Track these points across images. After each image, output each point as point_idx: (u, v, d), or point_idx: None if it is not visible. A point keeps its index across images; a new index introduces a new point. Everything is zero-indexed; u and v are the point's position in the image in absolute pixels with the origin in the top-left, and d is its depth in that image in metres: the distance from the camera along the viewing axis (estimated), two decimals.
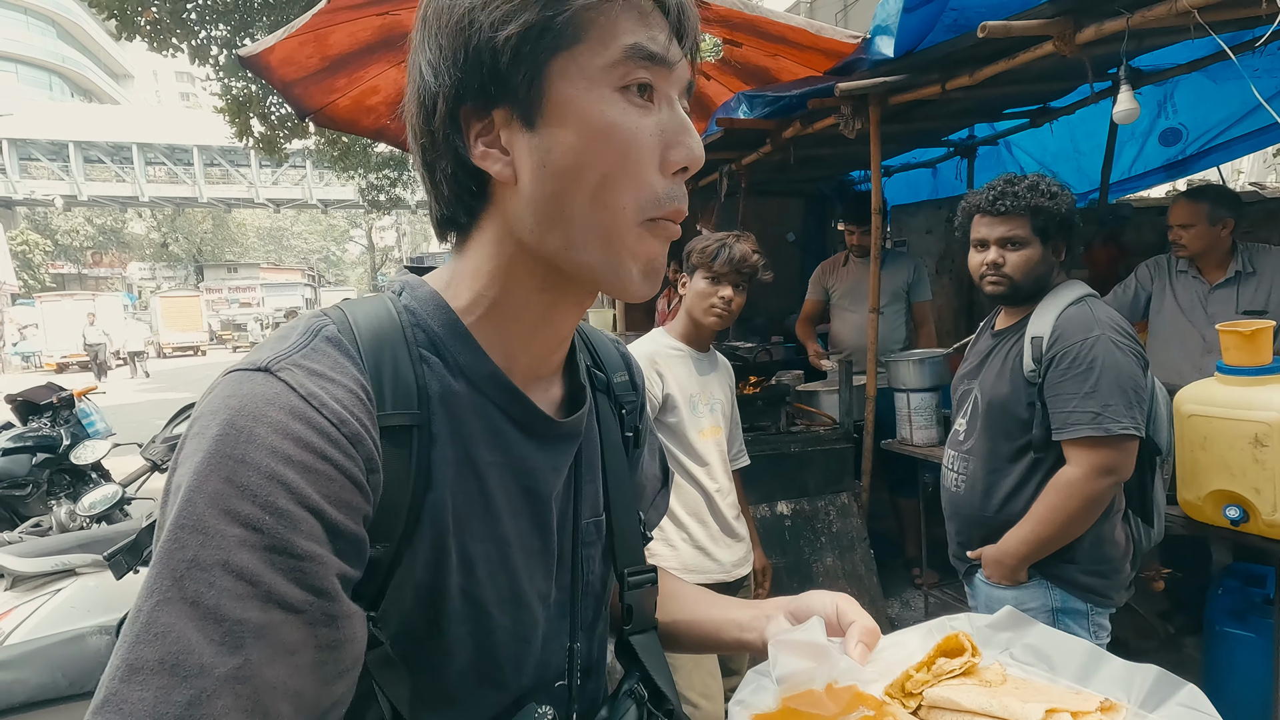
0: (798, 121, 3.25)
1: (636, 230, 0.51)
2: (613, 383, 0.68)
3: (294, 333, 0.50)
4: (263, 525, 0.41)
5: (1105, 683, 0.55)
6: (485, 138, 0.50)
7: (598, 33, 0.48)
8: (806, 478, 2.87)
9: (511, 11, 0.47)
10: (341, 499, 0.45)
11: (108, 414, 4.66)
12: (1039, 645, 0.59)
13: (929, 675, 0.57)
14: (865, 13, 9.74)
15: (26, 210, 32.03)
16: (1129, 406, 1.48)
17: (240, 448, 0.42)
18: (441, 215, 0.55)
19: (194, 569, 0.40)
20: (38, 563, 2.04)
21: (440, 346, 0.53)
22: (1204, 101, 3.78)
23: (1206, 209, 2.52)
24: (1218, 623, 1.98)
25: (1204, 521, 1.82)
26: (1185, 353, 2.61)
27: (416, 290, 0.55)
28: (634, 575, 0.65)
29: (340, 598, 0.44)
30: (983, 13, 2.36)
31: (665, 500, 0.78)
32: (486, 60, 0.48)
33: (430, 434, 0.51)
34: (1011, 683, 0.56)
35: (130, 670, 0.39)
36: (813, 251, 5.89)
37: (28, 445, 3.94)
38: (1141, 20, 1.92)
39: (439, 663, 0.52)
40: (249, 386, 0.45)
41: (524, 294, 0.54)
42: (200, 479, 0.42)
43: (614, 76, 0.48)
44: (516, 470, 0.55)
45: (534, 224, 0.51)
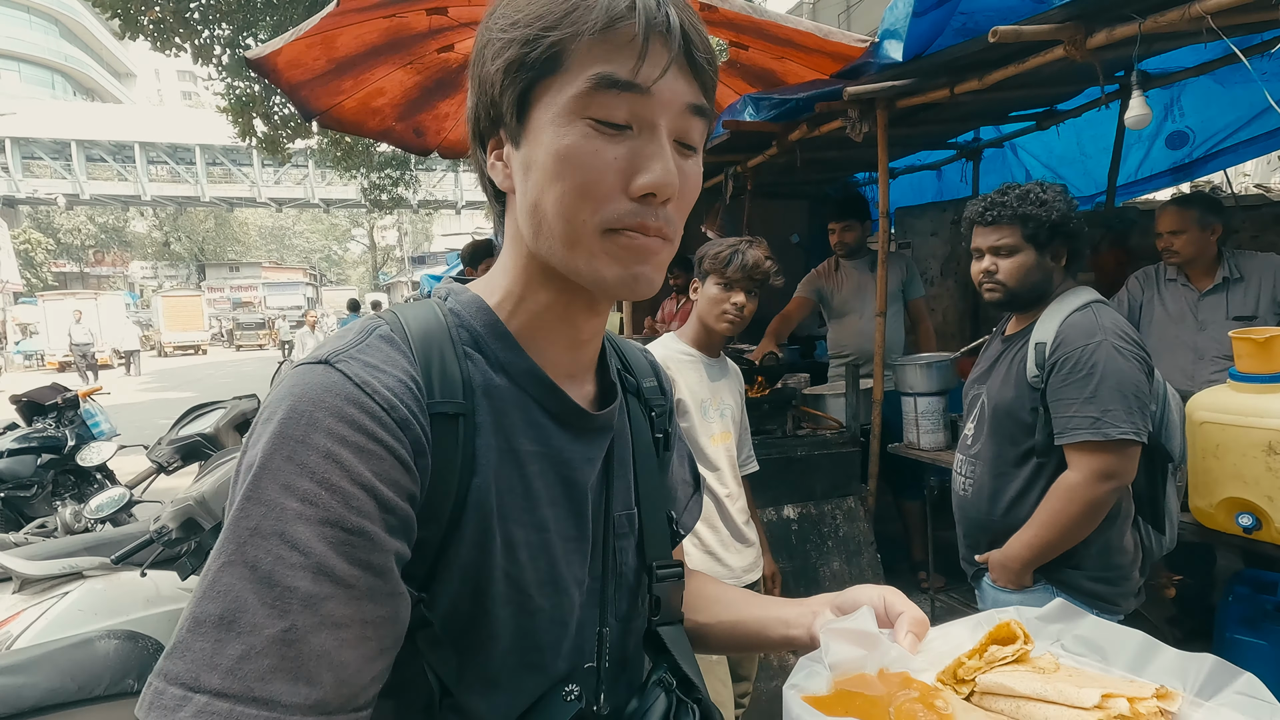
0: (804, 124, 3.24)
1: (597, 237, 0.54)
2: (642, 387, 0.73)
3: (351, 332, 0.55)
4: (318, 500, 0.46)
5: (1159, 673, 0.54)
6: (497, 152, 0.58)
7: (571, 62, 0.52)
8: (813, 482, 2.86)
9: (501, 48, 0.54)
10: (391, 477, 0.49)
11: (111, 414, 4.67)
12: (1091, 636, 0.59)
13: (981, 662, 0.57)
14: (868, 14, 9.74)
15: (29, 209, 32.07)
16: (1129, 412, 1.48)
17: (301, 429, 0.47)
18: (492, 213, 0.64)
19: (255, 536, 0.45)
20: (45, 565, 2.04)
21: (482, 344, 0.58)
22: (1211, 105, 3.77)
23: (1196, 215, 2.53)
24: (1229, 630, 1.97)
25: (1216, 529, 1.82)
26: (1176, 361, 2.61)
27: (460, 295, 0.61)
28: (662, 569, 0.68)
29: (389, 575, 0.48)
30: (992, 17, 2.36)
31: (699, 505, 0.82)
32: (489, 91, 0.56)
33: (475, 423, 0.55)
34: (1064, 670, 0.56)
35: (195, 622, 0.44)
36: (817, 253, 5.87)
37: (33, 446, 3.94)
38: (1154, 25, 1.91)
39: (483, 644, 0.55)
40: (311, 377, 0.50)
41: (540, 292, 0.60)
42: (266, 457, 0.46)
43: (579, 105, 0.52)
44: (554, 460, 0.59)
45: (526, 229, 0.57)
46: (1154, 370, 1.60)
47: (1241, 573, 2.17)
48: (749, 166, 4.00)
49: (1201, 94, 3.75)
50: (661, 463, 0.73)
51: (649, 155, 0.53)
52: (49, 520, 3.38)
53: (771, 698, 2.47)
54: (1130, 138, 3.80)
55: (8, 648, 1.84)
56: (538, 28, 0.52)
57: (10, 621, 1.92)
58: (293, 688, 0.43)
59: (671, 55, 0.52)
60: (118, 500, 2.73)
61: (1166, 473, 1.66)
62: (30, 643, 1.84)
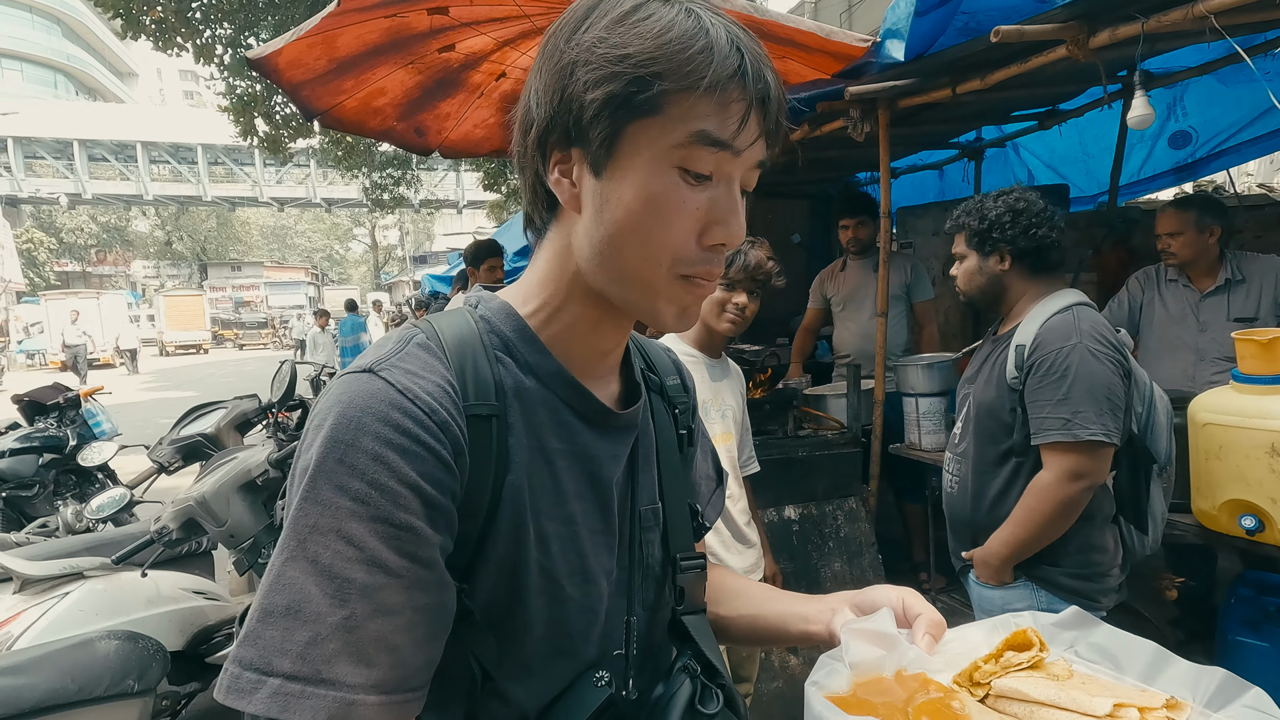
0: (805, 124, 3.23)
1: (669, 281, 0.58)
2: (665, 385, 0.75)
3: (390, 342, 0.59)
4: (369, 499, 0.49)
5: (1171, 683, 0.55)
6: (562, 166, 0.58)
7: (675, 111, 0.53)
8: (814, 483, 2.86)
9: (604, 78, 0.53)
10: (434, 476, 0.52)
11: (112, 414, 4.67)
12: (1104, 644, 0.60)
13: (997, 666, 0.58)
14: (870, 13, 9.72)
15: (32, 208, 32.12)
16: (1099, 414, 1.52)
17: (350, 434, 0.50)
18: (528, 217, 0.64)
19: (314, 533, 0.49)
20: (46, 566, 2.04)
21: (512, 348, 0.61)
22: (1214, 104, 3.76)
23: (1194, 216, 2.53)
24: (1231, 632, 1.96)
25: (1219, 531, 1.81)
26: (1176, 362, 2.61)
27: (490, 303, 0.64)
28: (685, 560, 0.71)
29: (436, 566, 0.52)
30: (994, 16, 2.35)
31: (721, 499, 0.85)
32: (574, 110, 0.55)
33: (507, 423, 0.58)
34: (1078, 678, 0.57)
35: (264, 613, 0.48)
36: (818, 253, 5.87)
37: (34, 446, 3.95)
38: (1157, 25, 1.91)
39: (519, 632, 0.58)
40: (356, 385, 0.53)
41: (578, 307, 0.62)
42: (320, 461, 0.50)
43: (676, 155, 0.54)
44: (581, 457, 0.62)
45: (587, 255, 0.59)
46: (1131, 373, 1.62)
47: (1244, 574, 2.16)
48: None
49: (1204, 93, 3.74)
50: (685, 458, 0.76)
51: (726, 209, 0.57)
52: (50, 520, 3.39)
53: (772, 699, 2.46)
54: (1133, 137, 3.79)
55: (8, 648, 1.84)
56: (650, 70, 0.52)
57: (11, 622, 1.92)
58: (355, 669, 0.48)
59: (765, 127, 0.56)
60: (119, 500, 2.74)
61: (1150, 474, 1.69)
62: (31, 643, 1.84)
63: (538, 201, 0.61)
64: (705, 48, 0.53)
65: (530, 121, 0.58)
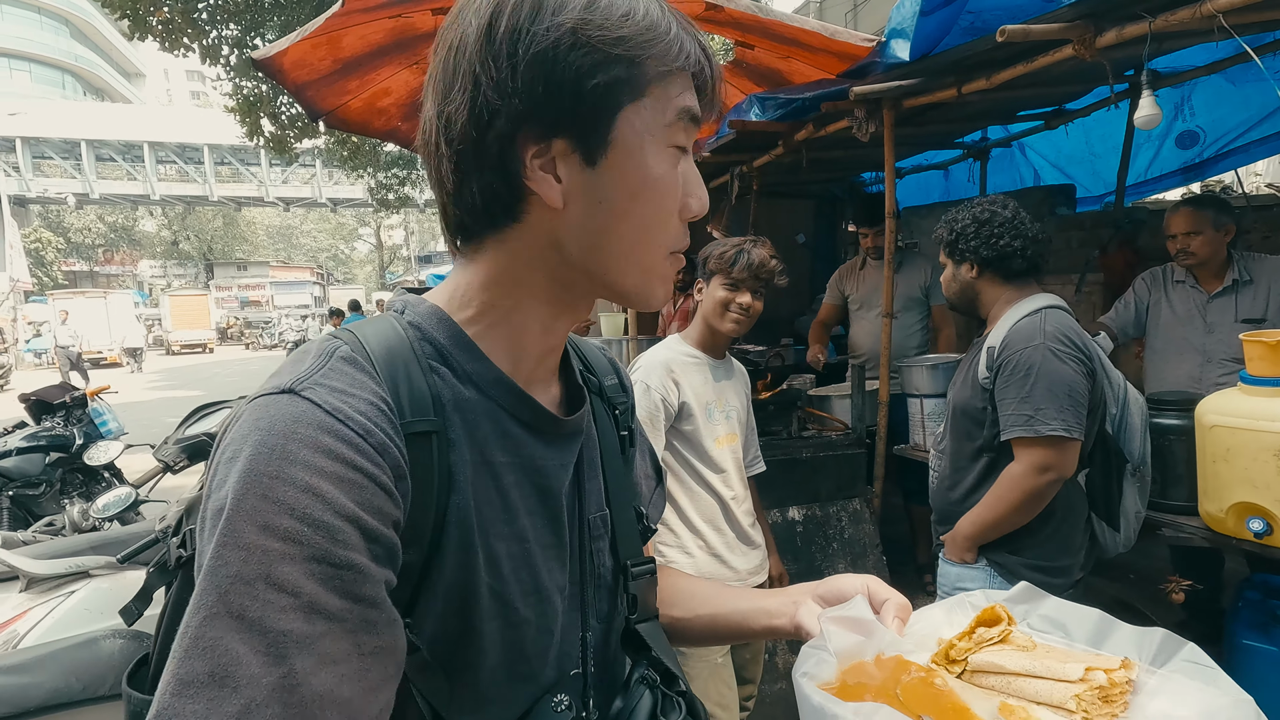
0: (810, 124, 3.23)
1: (664, 260, 0.58)
2: (604, 386, 0.72)
3: (309, 356, 0.52)
4: (301, 537, 0.44)
5: (1118, 646, 0.61)
6: (540, 160, 0.53)
7: (660, 91, 0.54)
8: (819, 483, 2.85)
9: (601, 63, 0.52)
10: (375, 505, 0.47)
11: (118, 413, 4.69)
12: (1054, 615, 0.65)
13: (971, 643, 0.62)
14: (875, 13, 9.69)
15: (40, 208, 32.31)
16: (1060, 410, 1.60)
17: (274, 465, 0.44)
18: (460, 221, 0.57)
19: (237, 584, 0.42)
20: (52, 565, 2.05)
21: (448, 356, 0.56)
22: (1222, 104, 3.74)
23: (1211, 216, 2.51)
24: (1239, 635, 1.95)
25: (1226, 534, 1.80)
26: (1183, 363, 2.59)
27: (418, 307, 0.59)
28: (636, 567, 0.68)
29: (382, 604, 0.47)
30: (1000, 16, 2.34)
31: (662, 498, 0.82)
32: (567, 99, 0.52)
33: (448, 439, 0.54)
34: (1042, 648, 0.62)
35: (181, 684, 0.41)
36: (822, 253, 5.86)
37: (41, 445, 3.97)
38: (1164, 24, 1.89)
39: (473, 662, 0.54)
40: (276, 408, 0.47)
41: (537, 306, 0.59)
42: (238, 499, 0.44)
43: (667, 134, 0.55)
44: (528, 469, 0.59)
45: (578, 248, 0.56)
46: (1095, 373, 1.69)
47: (1252, 577, 2.14)
48: (755, 166, 3.99)
49: (1212, 93, 3.72)
50: (627, 460, 0.73)
51: (695, 181, 0.58)
52: (57, 519, 3.40)
53: (775, 700, 2.46)
54: (1140, 137, 3.77)
55: (14, 646, 1.85)
56: (644, 53, 0.52)
57: (16, 620, 1.92)
58: None
59: (715, 100, 0.58)
60: (124, 499, 2.75)
61: (1123, 473, 1.77)
62: (36, 642, 1.85)
63: (494, 205, 0.55)
64: (670, 28, 0.54)
65: (492, 113, 0.52)
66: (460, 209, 0.56)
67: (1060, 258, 4.02)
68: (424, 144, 0.57)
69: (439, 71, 0.54)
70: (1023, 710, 0.56)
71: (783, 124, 3.30)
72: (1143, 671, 0.58)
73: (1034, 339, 1.65)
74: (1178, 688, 0.56)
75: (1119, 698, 0.56)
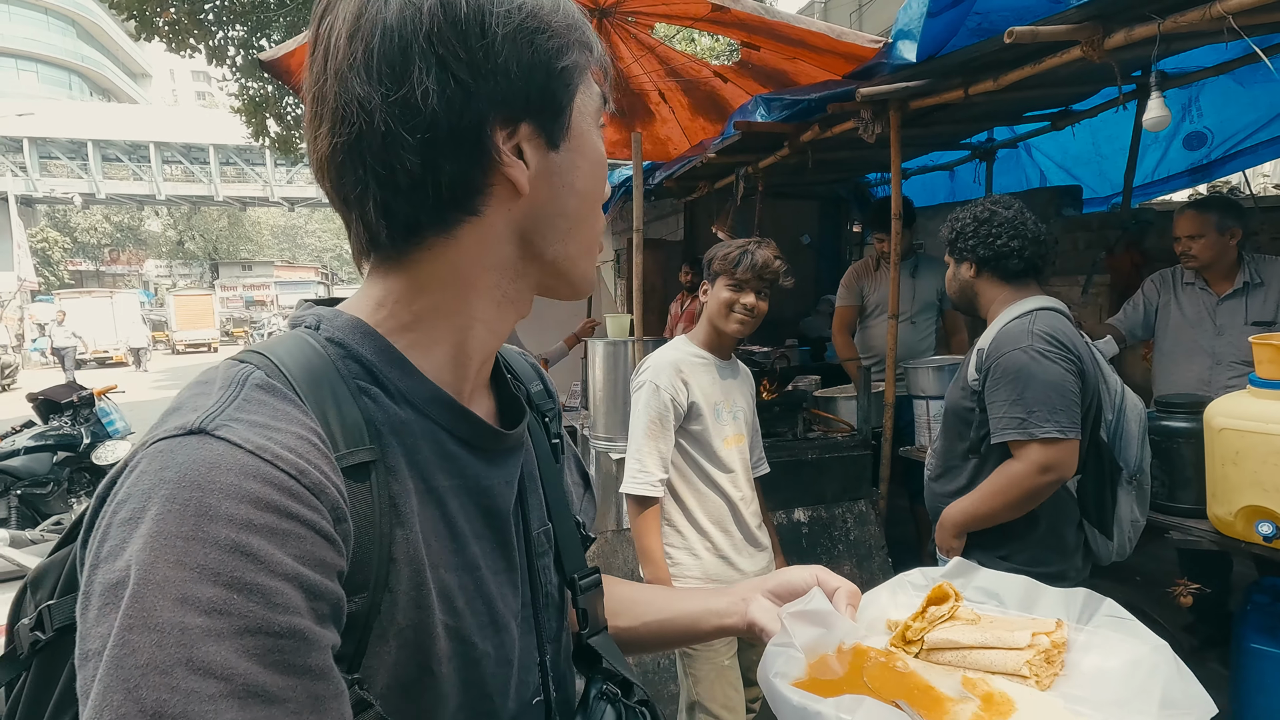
0: (816, 125, 3.22)
1: (599, 242, 0.61)
2: (531, 393, 0.70)
3: (214, 386, 0.45)
4: (230, 607, 0.37)
5: (1047, 608, 0.66)
6: (509, 145, 0.51)
7: (590, 79, 0.56)
8: (824, 485, 2.85)
9: (566, 45, 0.52)
10: (316, 557, 0.41)
11: (125, 411, 4.71)
12: (987, 585, 0.70)
13: (925, 623, 0.65)
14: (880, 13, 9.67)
15: (46, 208, 32.46)
16: (1053, 411, 1.59)
17: (189, 524, 0.37)
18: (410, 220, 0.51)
19: (150, 674, 0.35)
20: None
21: (378, 375, 0.51)
22: (1230, 105, 3.72)
23: (1214, 218, 2.50)
24: (1248, 639, 1.94)
25: (1235, 537, 1.79)
26: (1192, 366, 2.58)
27: (335, 321, 0.52)
28: (583, 579, 0.66)
29: (329, 674, 0.41)
30: (1007, 17, 2.33)
31: (592, 504, 0.79)
32: (539, 80, 0.51)
33: (388, 467, 0.49)
34: (986, 619, 0.66)
35: None
36: (827, 254, 5.86)
37: (49, 444, 3.99)
38: (1174, 25, 1.88)
39: (431, 710, 0.50)
40: (184, 454, 0.40)
41: (483, 307, 0.55)
42: (146, 569, 0.36)
43: (597, 116, 0.57)
44: (473, 491, 0.55)
45: (542, 234, 0.55)
46: (1085, 373, 1.67)
47: (1260, 581, 2.13)
48: (760, 167, 3.99)
49: (1220, 94, 3.70)
50: (560, 469, 0.70)
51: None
52: (64, 517, 3.42)
53: None
54: (1147, 138, 3.75)
55: None
56: (586, 38, 0.54)
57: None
58: None
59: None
60: None
61: (1117, 480, 1.74)
62: None
63: (464, 192, 0.51)
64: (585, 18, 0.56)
65: (466, 96, 0.48)
66: (415, 205, 0.50)
67: (1067, 259, 4.01)
68: (352, 134, 0.48)
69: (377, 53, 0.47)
70: (983, 682, 0.59)
71: (788, 125, 3.29)
72: (1072, 629, 0.63)
73: (1021, 340, 1.64)
74: (1104, 641, 0.62)
75: (1058, 657, 0.61)
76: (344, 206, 0.52)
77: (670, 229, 6.23)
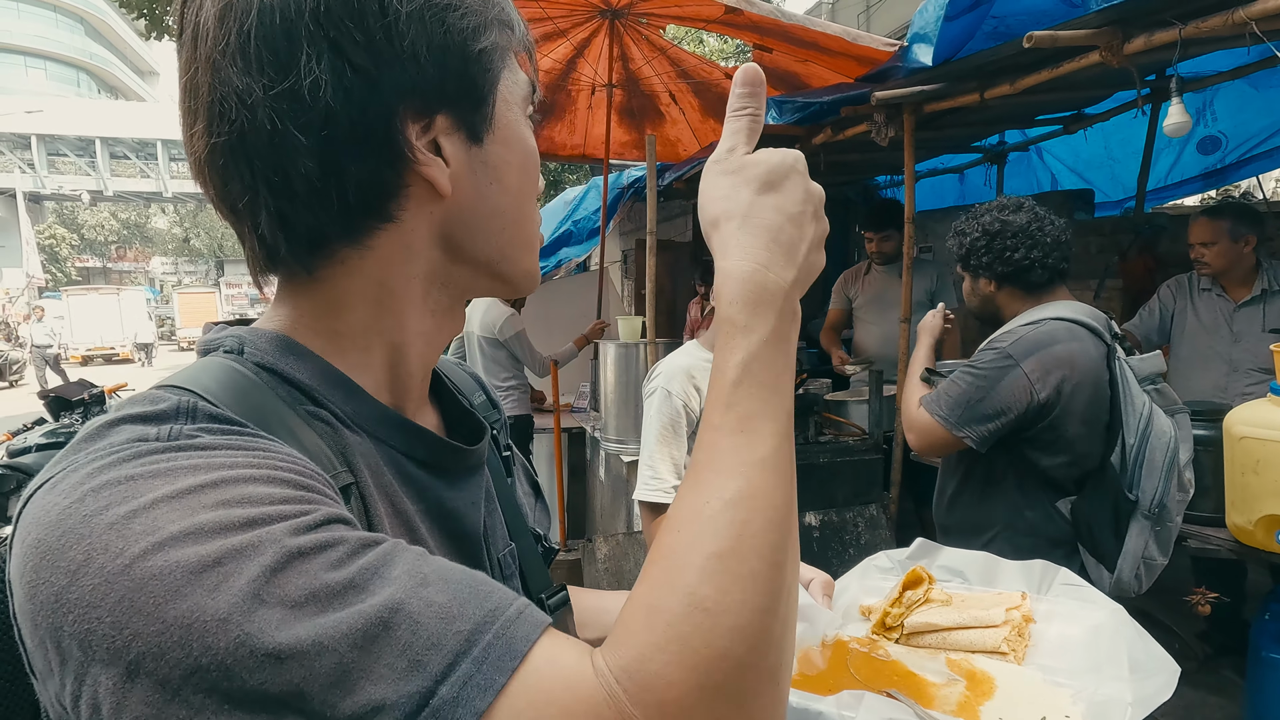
0: (829, 128, 3.21)
1: (538, 236, 0.55)
2: (475, 405, 0.64)
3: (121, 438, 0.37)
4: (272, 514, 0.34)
5: (1008, 580, 0.72)
6: (424, 140, 0.45)
7: (514, 63, 0.50)
8: (835, 489, 2.84)
9: (484, 24, 0.46)
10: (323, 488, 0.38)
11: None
12: (950, 564, 0.74)
13: (903, 608, 0.67)
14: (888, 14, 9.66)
15: (54, 205, 32.63)
16: (953, 406, 1.63)
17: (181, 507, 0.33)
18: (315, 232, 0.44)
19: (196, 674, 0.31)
20: None
21: (320, 399, 0.45)
22: (1245, 109, 3.70)
23: (1227, 226, 2.48)
24: (1264, 648, 1.93)
25: (1255, 546, 1.78)
26: (1209, 373, 2.57)
27: (258, 342, 0.46)
28: (551, 598, 0.62)
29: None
30: (1024, 21, 2.32)
31: (545, 515, 0.75)
32: (454, 65, 0.44)
33: (360, 492, 0.45)
34: (957, 598, 0.68)
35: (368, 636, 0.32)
36: (835, 255, 5.82)
37: (60, 441, 4.00)
38: (1195, 31, 1.87)
39: None
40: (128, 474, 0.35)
41: (417, 318, 0.50)
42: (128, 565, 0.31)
43: (525, 104, 0.52)
44: (439, 515, 0.51)
45: (471, 237, 0.49)
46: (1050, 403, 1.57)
47: (1276, 590, 2.12)
48: None
49: (1235, 98, 3.68)
50: (512, 483, 0.66)
51: None
52: None
53: None
54: (1160, 142, 3.73)
55: None
56: (509, 18, 0.49)
57: None
58: None
59: None
60: None
61: (1128, 512, 1.55)
62: None
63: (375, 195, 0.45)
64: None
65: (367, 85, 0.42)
66: (317, 214, 0.43)
67: (1079, 263, 3.97)
68: (233, 133, 0.42)
69: (254, 36, 0.41)
70: (965, 662, 0.62)
71: (800, 127, 3.29)
72: (1034, 600, 0.67)
73: (1004, 340, 1.63)
74: (1064, 609, 0.66)
75: (1026, 629, 0.64)
76: (233, 216, 0.45)
77: (679, 230, 6.23)
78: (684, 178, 4.60)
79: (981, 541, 1.70)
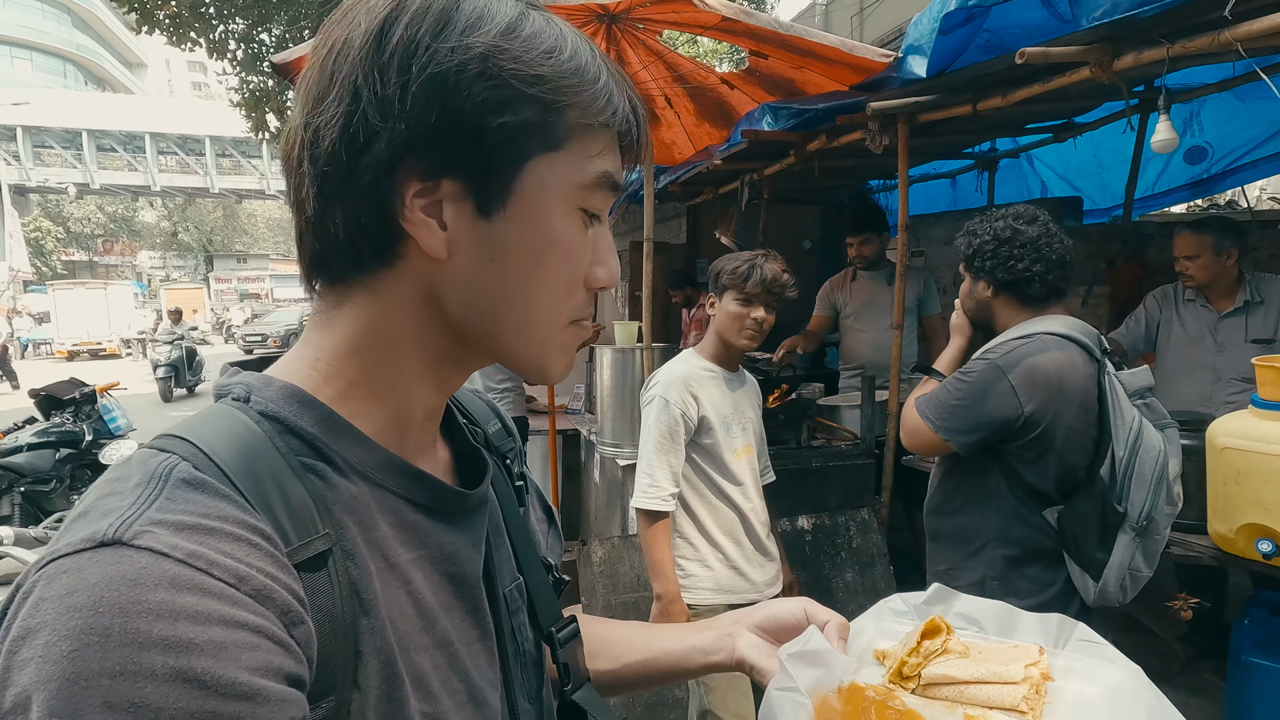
0: (823, 135, 3.25)
1: (564, 330, 0.51)
2: (489, 434, 0.64)
3: (129, 483, 0.39)
4: None
5: (1025, 633, 0.69)
6: (423, 201, 0.45)
7: (579, 146, 0.47)
8: (827, 493, 2.88)
9: (510, 100, 0.44)
10: (271, 666, 0.36)
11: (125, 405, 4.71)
12: (966, 611, 0.72)
13: (920, 658, 0.65)
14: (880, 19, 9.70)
15: (40, 197, 32.24)
16: (944, 413, 1.68)
17: (113, 656, 0.32)
18: (319, 256, 0.47)
19: None
20: None
21: (323, 449, 0.46)
22: (1231, 120, 3.76)
23: (1211, 240, 2.54)
24: (1244, 652, 1.98)
25: (1235, 554, 1.82)
26: (1194, 382, 2.63)
27: (265, 391, 0.47)
28: (561, 632, 0.62)
29: None
30: (1017, 35, 2.36)
31: (558, 540, 0.74)
32: (465, 134, 0.44)
33: (345, 551, 0.44)
34: (974, 648, 0.67)
35: None
36: (830, 260, 5.88)
37: (51, 441, 3.99)
38: (1182, 50, 1.91)
39: None
40: (96, 572, 0.34)
41: (423, 368, 0.50)
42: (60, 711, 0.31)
43: (580, 196, 0.48)
44: (437, 560, 0.50)
45: (460, 308, 0.48)
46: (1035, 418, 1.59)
47: (1257, 595, 2.17)
48: (765, 174, 4.01)
49: (1221, 109, 3.74)
50: (525, 512, 0.65)
51: (606, 248, 0.52)
52: (67, 514, 3.42)
53: None
54: (1148, 151, 3.78)
55: None
56: (564, 99, 0.46)
57: None
58: None
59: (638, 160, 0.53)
60: None
61: (1115, 524, 1.57)
62: None
63: (362, 244, 0.46)
64: (599, 77, 0.47)
65: (370, 135, 0.43)
66: (321, 241, 0.46)
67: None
68: (285, 156, 0.47)
69: (314, 75, 0.45)
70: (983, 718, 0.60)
71: (795, 134, 3.32)
72: (1051, 655, 0.66)
73: (993, 352, 1.65)
74: (1082, 666, 0.65)
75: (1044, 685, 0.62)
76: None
77: (673, 233, 6.26)
78: (678, 180, 4.62)
79: (971, 548, 1.74)
